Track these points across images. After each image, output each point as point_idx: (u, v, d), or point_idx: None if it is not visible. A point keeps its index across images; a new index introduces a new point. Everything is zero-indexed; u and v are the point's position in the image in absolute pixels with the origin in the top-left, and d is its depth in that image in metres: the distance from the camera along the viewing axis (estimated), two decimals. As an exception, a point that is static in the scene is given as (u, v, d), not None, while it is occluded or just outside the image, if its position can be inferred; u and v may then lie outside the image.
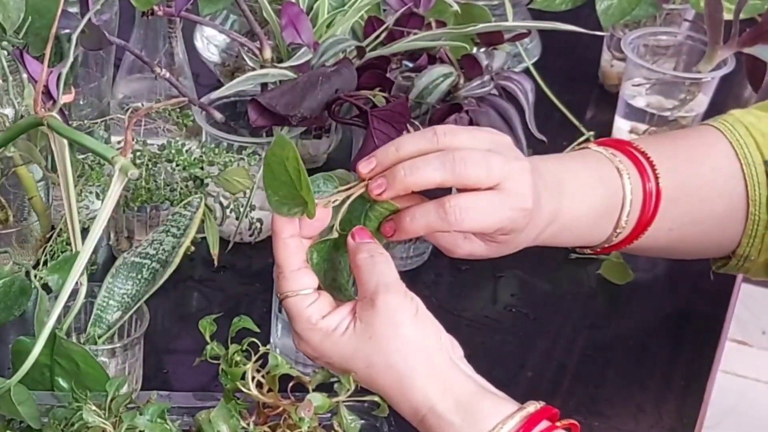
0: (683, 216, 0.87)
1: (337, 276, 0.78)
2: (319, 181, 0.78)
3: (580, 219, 0.84)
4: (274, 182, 0.73)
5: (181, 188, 0.98)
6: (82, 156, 0.98)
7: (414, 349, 0.72)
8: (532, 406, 0.72)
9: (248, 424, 0.74)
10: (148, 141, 1.01)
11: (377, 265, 0.73)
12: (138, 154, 0.98)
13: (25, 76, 0.92)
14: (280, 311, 0.93)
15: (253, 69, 1.02)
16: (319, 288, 0.76)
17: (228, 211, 1.00)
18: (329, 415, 0.73)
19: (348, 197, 0.77)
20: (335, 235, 0.77)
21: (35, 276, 0.89)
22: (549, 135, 1.08)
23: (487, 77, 1.03)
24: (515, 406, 0.71)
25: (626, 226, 0.86)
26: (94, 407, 0.72)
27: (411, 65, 1.05)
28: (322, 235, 0.77)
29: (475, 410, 0.71)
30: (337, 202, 0.76)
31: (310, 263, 0.76)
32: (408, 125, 0.94)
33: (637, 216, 0.86)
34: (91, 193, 0.99)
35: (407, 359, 0.71)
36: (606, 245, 0.88)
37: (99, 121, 1.04)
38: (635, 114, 1.24)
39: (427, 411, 0.71)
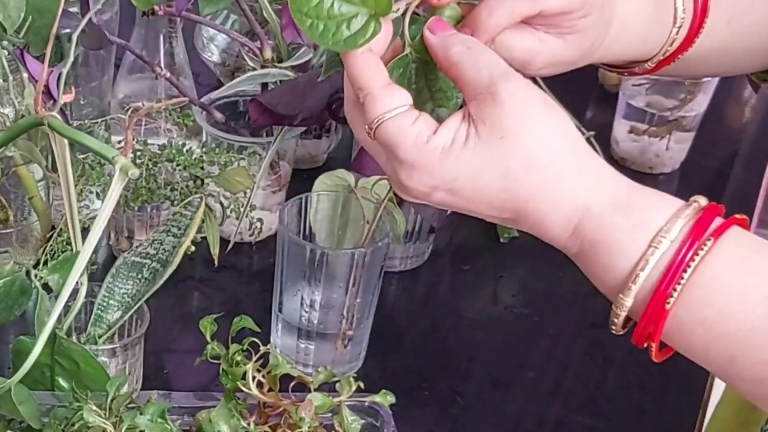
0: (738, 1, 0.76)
1: (432, 87, 0.64)
2: None
3: (638, 12, 0.72)
4: None
5: (182, 188, 0.98)
6: (83, 156, 0.98)
7: (555, 143, 0.59)
8: (702, 200, 0.60)
9: (249, 424, 0.74)
10: (149, 141, 1.01)
11: (481, 55, 0.60)
12: (138, 153, 0.98)
13: (25, 75, 0.92)
14: (280, 311, 0.93)
15: (254, 69, 1.02)
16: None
17: (228, 210, 1.00)
18: (330, 414, 0.73)
19: (410, 4, 0.63)
20: (408, 51, 0.63)
21: (36, 276, 0.89)
22: (549, 135, 1.08)
23: (487, 77, 1.03)
24: (680, 201, 0.60)
25: (684, 15, 0.73)
26: (94, 407, 0.72)
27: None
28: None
29: (638, 206, 0.60)
30: (399, 12, 0.62)
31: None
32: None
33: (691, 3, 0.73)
34: (91, 192, 0.99)
35: (551, 156, 0.58)
36: (666, 52, 0.74)
37: (99, 120, 1.04)
38: (635, 114, 1.24)
39: (582, 215, 0.59)
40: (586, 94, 1.37)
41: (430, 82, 0.63)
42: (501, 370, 0.97)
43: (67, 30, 0.89)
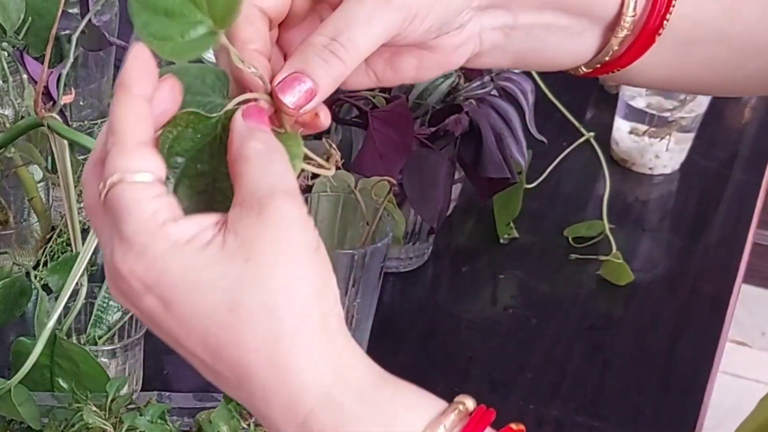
0: None
1: (216, 178, 0.50)
2: None
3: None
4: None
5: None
6: (83, 156, 0.98)
7: (309, 294, 0.46)
8: (469, 402, 0.49)
9: (248, 425, 0.74)
10: (148, 142, 1.01)
11: (275, 164, 0.47)
12: (138, 154, 0.98)
13: (25, 76, 0.92)
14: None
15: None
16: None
17: (228, 211, 1.00)
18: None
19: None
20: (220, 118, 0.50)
21: (35, 277, 0.89)
22: (549, 136, 1.08)
23: (487, 78, 1.03)
24: (442, 402, 0.49)
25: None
26: (94, 408, 0.72)
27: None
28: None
29: (391, 400, 0.48)
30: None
31: (163, 151, 0.49)
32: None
33: None
34: (91, 193, 0.99)
35: (297, 306, 0.46)
36: (614, 53, 0.61)
37: (99, 121, 1.04)
38: (635, 115, 1.24)
39: (317, 400, 0.46)
40: (586, 94, 1.37)
41: (223, 171, 0.49)
42: (500, 371, 0.97)
43: (67, 31, 0.90)
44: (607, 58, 0.62)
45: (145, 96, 0.48)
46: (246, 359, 0.46)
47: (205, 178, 0.49)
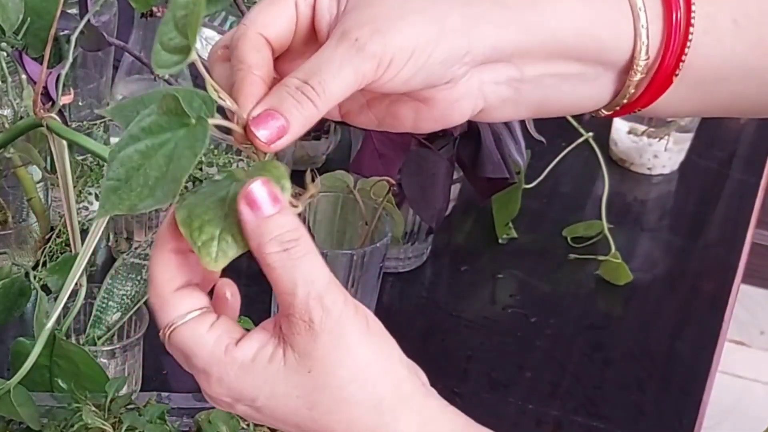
0: None
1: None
2: None
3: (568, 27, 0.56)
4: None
5: (180, 189, 0.98)
6: (82, 157, 0.98)
7: (375, 376, 0.51)
8: None
9: (248, 425, 0.74)
10: (147, 142, 1.01)
11: (298, 266, 0.50)
12: (137, 155, 0.98)
13: (24, 77, 0.92)
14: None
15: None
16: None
17: (227, 212, 1.00)
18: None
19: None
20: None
21: (34, 277, 0.89)
22: (547, 136, 1.08)
23: (485, 78, 1.03)
24: None
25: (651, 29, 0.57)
26: (93, 408, 0.72)
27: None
28: None
29: None
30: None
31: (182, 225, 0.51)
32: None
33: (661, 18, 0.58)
34: (90, 194, 0.99)
35: (368, 389, 0.51)
36: (633, 95, 0.60)
37: (98, 122, 1.04)
38: (634, 115, 1.24)
39: None
40: (584, 94, 1.37)
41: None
42: (499, 370, 0.97)
43: (66, 31, 0.89)
44: (624, 101, 0.60)
45: (178, 249, 0.53)
46: None
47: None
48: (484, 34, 0.54)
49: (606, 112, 0.62)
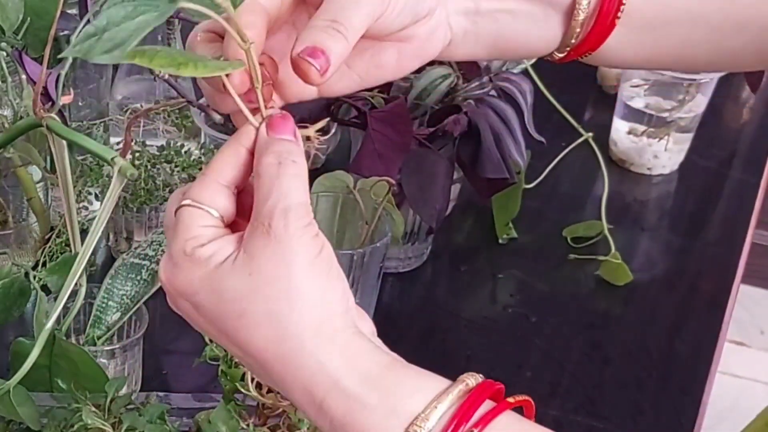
0: None
1: None
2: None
3: None
4: None
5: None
6: (81, 157, 0.98)
7: (308, 300, 0.52)
8: (471, 380, 0.53)
9: (248, 425, 0.74)
10: (147, 142, 1.01)
11: (283, 178, 0.53)
12: (137, 155, 0.98)
13: (23, 77, 0.92)
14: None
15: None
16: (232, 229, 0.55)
17: (227, 212, 1.00)
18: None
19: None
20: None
21: (34, 277, 0.89)
22: (547, 136, 1.08)
23: (485, 78, 1.03)
24: (446, 382, 0.53)
25: None
26: (93, 408, 0.72)
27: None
28: None
29: (394, 385, 0.52)
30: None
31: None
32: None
33: None
34: (90, 194, 0.99)
35: (296, 311, 0.51)
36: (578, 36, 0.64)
37: (98, 122, 1.04)
38: (633, 115, 1.24)
39: (329, 389, 0.51)
40: (584, 95, 1.37)
41: None
42: (498, 370, 0.97)
43: (66, 32, 0.90)
44: (573, 41, 0.65)
45: (250, 150, 0.54)
46: (260, 356, 0.52)
47: None
48: None
49: (559, 55, 0.66)
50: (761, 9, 0.66)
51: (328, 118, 0.57)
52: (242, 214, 0.55)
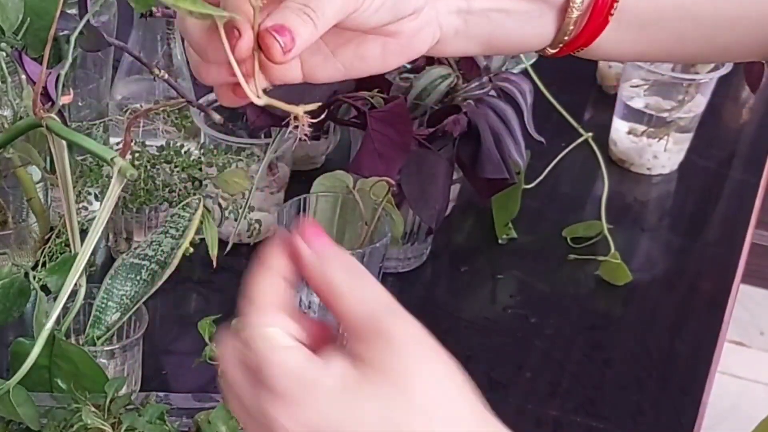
0: None
1: None
2: None
3: None
4: None
5: (180, 189, 0.98)
6: (81, 157, 0.98)
7: (453, 392, 0.50)
8: None
9: (247, 425, 0.74)
10: (147, 142, 1.01)
11: (366, 288, 0.50)
12: (137, 155, 0.98)
13: (23, 77, 0.92)
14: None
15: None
16: None
17: (227, 212, 1.00)
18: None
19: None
20: None
21: (34, 277, 0.89)
22: (547, 136, 1.08)
23: (485, 78, 1.03)
24: None
25: None
26: (93, 408, 0.72)
27: (409, 66, 1.05)
28: None
29: None
30: None
31: None
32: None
33: None
34: (89, 194, 0.99)
35: (452, 407, 0.49)
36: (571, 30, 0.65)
37: (98, 122, 1.04)
38: (633, 115, 1.24)
39: None
40: (584, 95, 1.37)
41: None
42: (498, 370, 0.97)
43: (66, 32, 0.90)
44: (566, 38, 0.65)
45: (283, 276, 0.50)
46: None
47: None
48: None
49: (551, 51, 0.66)
50: (753, 4, 0.66)
51: (320, 103, 0.57)
52: None
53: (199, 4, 0.51)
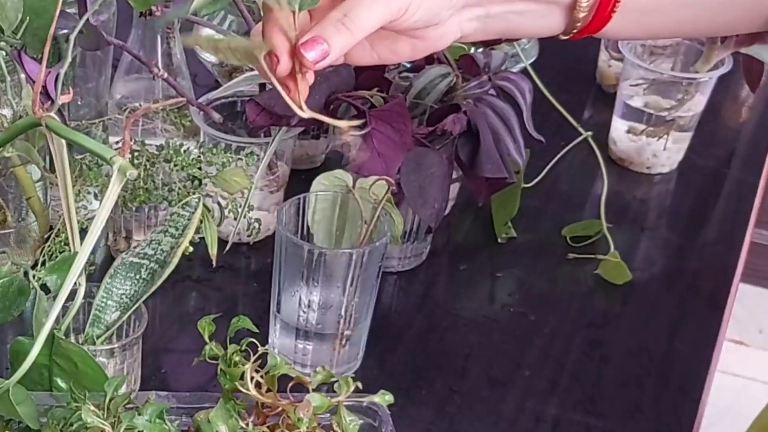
0: None
1: None
2: None
3: None
4: None
5: (179, 188, 0.98)
6: (80, 156, 0.98)
7: None
8: None
9: (247, 425, 0.74)
10: (147, 141, 1.01)
11: None
12: (136, 154, 0.98)
13: (23, 76, 0.92)
14: (278, 311, 0.93)
15: (251, 69, 1.02)
16: None
17: (226, 211, 1.00)
18: (328, 415, 0.73)
19: None
20: None
21: (34, 276, 0.89)
22: (546, 135, 1.08)
23: (484, 77, 1.03)
24: None
25: None
26: (92, 407, 0.72)
27: (409, 65, 1.05)
28: None
29: None
30: None
31: None
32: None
33: None
34: (89, 193, 0.99)
35: None
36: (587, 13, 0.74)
37: (97, 121, 1.04)
38: (633, 114, 1.24)
39: None
40: (583, 93, 1.37)
41: None
42: (498, 368, 0.97)
43: (65, 31, 0.90)
44: (575, 31, 0.75)
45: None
46: None
47: None
48: None
49: (563, 37, 0.76)
50: None
51: (364, 120, 0.69)
52: None
53: (236, 54, 0.62)
